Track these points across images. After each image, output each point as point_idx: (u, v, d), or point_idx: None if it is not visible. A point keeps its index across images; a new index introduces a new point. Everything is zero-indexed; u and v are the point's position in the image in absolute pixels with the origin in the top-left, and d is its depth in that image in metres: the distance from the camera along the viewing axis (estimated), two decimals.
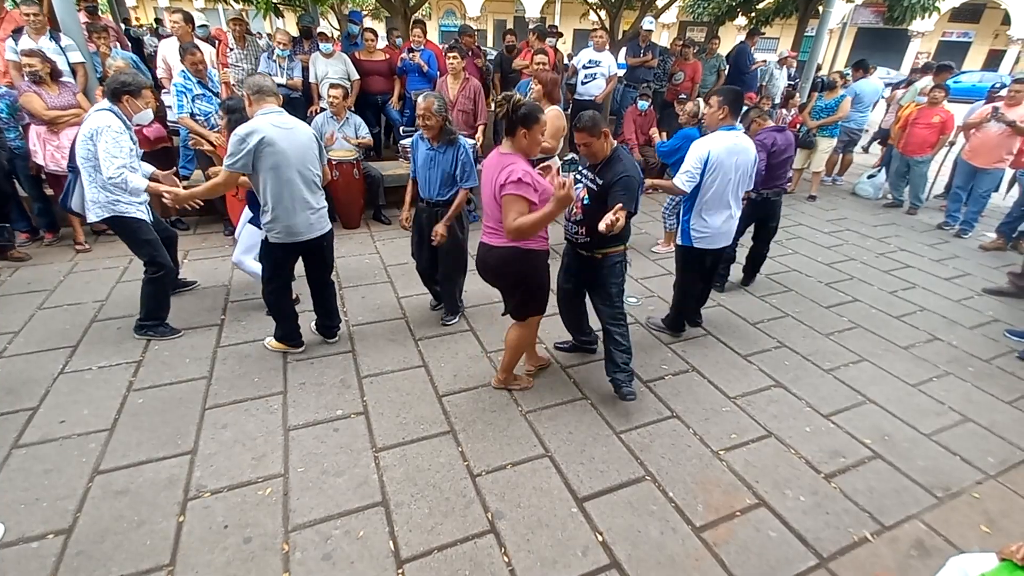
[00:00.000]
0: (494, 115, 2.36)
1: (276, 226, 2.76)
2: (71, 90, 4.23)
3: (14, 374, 2.94)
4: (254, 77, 2.69)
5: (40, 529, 2.07)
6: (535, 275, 2.60)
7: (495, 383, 2.98)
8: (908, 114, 6.26)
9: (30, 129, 4.08)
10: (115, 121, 2.89)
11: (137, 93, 2.97)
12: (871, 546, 2.18)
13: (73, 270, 4.13)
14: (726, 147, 3.01)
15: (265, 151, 2.57)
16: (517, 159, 2.34)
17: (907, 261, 5.10)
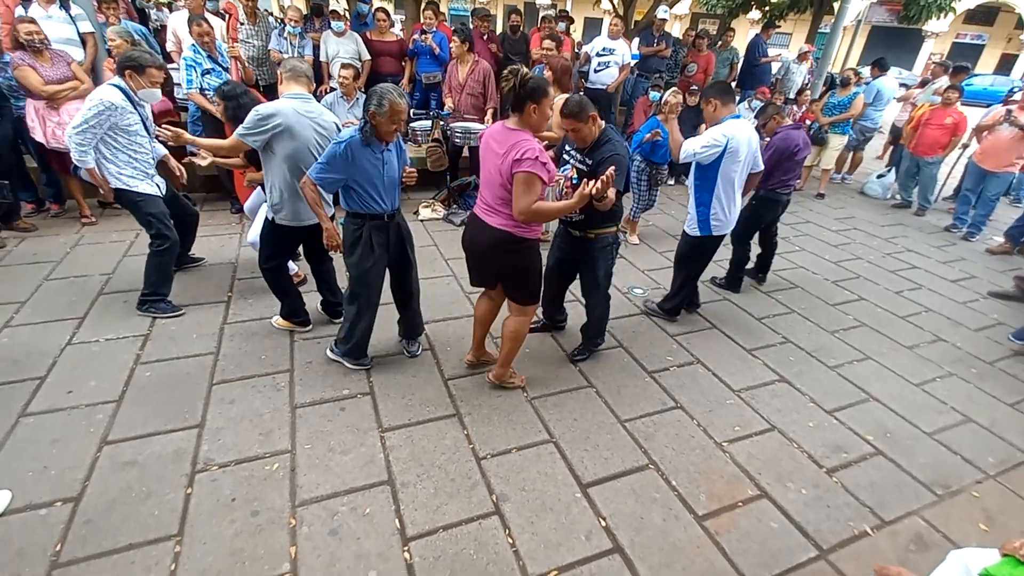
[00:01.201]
0: (503, 85, 2.21)
1: (283, 209, 2.76)
2: (65, 60, 4.05)
3: (21, 344, 2.94)
4: (293, 61, 2.73)
5: (48, 497, 2.08)
6: (526, 263, 2.49)
7: (492, 377, 2.85)
8: (921, 114, 6.22)
9: (27, 105, 3.97)
10: (116, 96, 2.86)
11: (140, 69, 2.92)
12: (871, 540, 2.21)
13: (79, 242, 4.12)
14: (744, 135, 3.06)
15: (284, 136, 2.58)
16: (528, 135, 2.23)
17: (914, 262, 5.10)
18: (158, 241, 3.15)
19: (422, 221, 5.06)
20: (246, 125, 2.55)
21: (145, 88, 2.96)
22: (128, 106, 2.92)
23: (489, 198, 2.38)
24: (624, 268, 4.48)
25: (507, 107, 2.28)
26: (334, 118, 2.81)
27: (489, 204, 2.39)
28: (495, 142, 2.28)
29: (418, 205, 5.26)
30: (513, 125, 2.26)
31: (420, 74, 5.87)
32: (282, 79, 2.71)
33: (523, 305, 2.63)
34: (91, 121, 2.81)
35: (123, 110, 2.89)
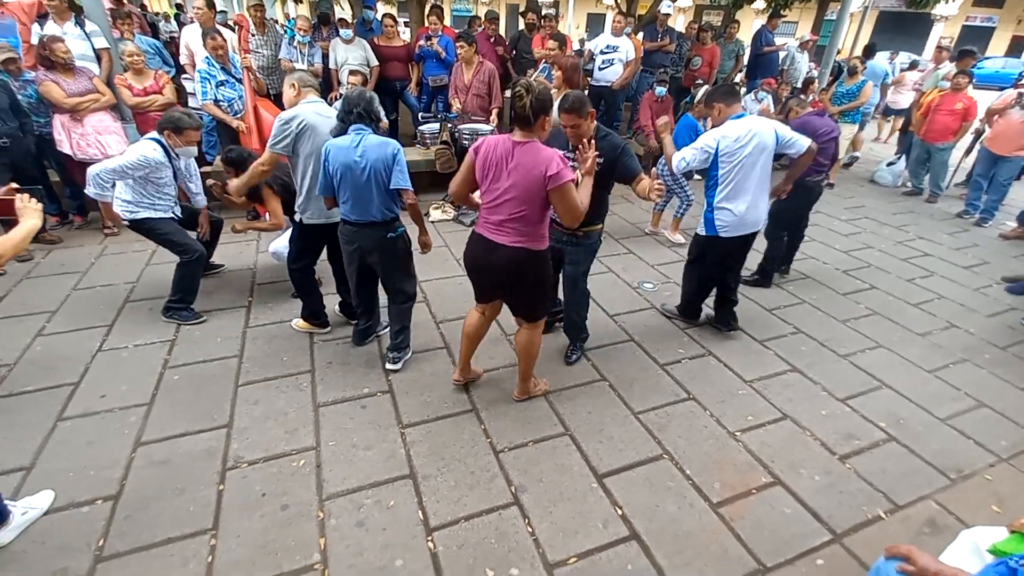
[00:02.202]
0: (515, 102, 2.11)
1: (310, 207, 2.86)
2: (87, 75, 4.24)
3: (54, 351, 3.06)
4: (299, 73, 2.87)
5: (88, 495, 2.19)
6: (541, 276, 2.47)
7: (517, 395, 2.81)
8: (930, 100, 6.17)
9: (53, 119, 4.14)
10: (157, 152, 3.08)
11: (179, 131, 3.14)
12: (884, 524, 2.24)
13: (103, 252, 4.25)
14: (736, 135, 2.98)
15: (306, 135, 2.70)
16: (541, 145, 2.20)
17: (926, 249, 5.08)
18: (185, 256, 3.26)
19: (433, 222, 5.14)
20: (273, 134, 2.68)
21: (182, 147, 3.19)
22: (165, 160, 3.12)
23: (500, 216, 2.27)
24: (634, 263, 4.52)
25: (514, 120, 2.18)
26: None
27: (499, 223, 2.29)
28: (515, 159, 2.17)
29: (428, 207, 5.33)
30: (522, 138, 2.18)
31: (427, 77, 5.96)
32: (297, 90, 2.80)
33: (533, 318, 2.60)
34: (127, 169, 3.00)
35: (160, 165, 3.10)
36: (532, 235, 2.30)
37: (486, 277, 2.50)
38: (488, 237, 2.34)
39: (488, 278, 2.50)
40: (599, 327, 3.51)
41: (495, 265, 2.37)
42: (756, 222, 3.19)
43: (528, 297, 2.52)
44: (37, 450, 2.38)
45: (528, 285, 2.44)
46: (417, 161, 5.38)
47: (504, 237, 2.30)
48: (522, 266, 2.35)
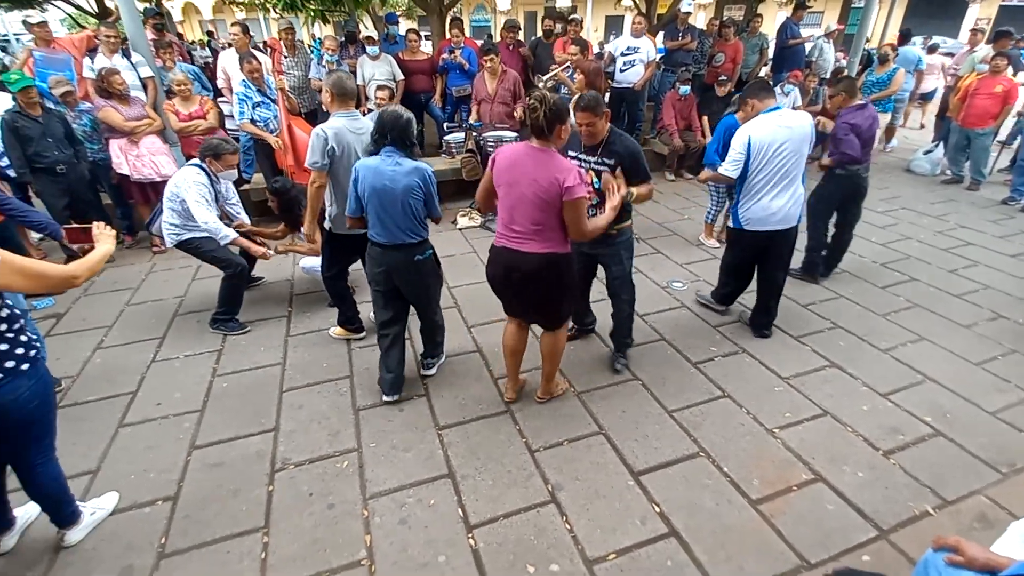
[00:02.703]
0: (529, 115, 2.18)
1: (339, 219, 2.96)
2: (140, 104, 4.61)
3: (112, 363, 3.26)
4: (336, 75, 2.88)
5: (149, 496, 2.33)
6: (567, 282, 2.49)
7: (540, 395, 2.84)
8: (968, 84, 5.96)
9: (111, 143, 4.46)
10: (201, 176, 3.29)
11: (217, 157, 3.33)
12: (932, 519, 2.19)
13: (152, 270, 4.49)
14: (767, 129, 2.95)
15: (339, 151, 2.80)
16: (559, 155, 2.26)
17: (968, 238, 4.90)
18: (228, 270, 3.43)
19: (460, 230, 5.23)
20: (309, 152, 2.79)
21: (223, 171, 3.41)
22: (208, 184, 3.32)
23: (521, 224, 2.29)
24: (662, 262, 4.51)
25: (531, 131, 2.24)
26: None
27: (521, 231, 2.30)
28: (532, 166, 2.21)
29: (455, 214, 5.44)
30: (540, 146, 2.22)
31: (451, 88, 6.09)
32: (332, 98, 2.85)
33: (559, 325, 2.62)
34: (204, 196, 3.25)
35: (207, 187, 3.30)
36: (553, 240, 2.32)
37: (509, 289, 2.49)
38: (510, 247, 2.34)
39: (514, 289, 2.47)
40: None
41: (521, 275, 2.36)
42: (787, 218, 3.10)
43: (554, 304, 2.52)
44: (102, 455, 2.54)
45: (556, 289, 2.44)
46: (443, 170, 5.50)
47: (528, 245, 2.31)
48: (549, 270, 2.35)
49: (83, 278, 1.77)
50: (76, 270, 1.75)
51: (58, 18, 13.54)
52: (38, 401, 1.75)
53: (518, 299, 2.54)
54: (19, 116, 3.91)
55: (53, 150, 4.04)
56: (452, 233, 5.10)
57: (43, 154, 4.00)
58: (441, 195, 2.79)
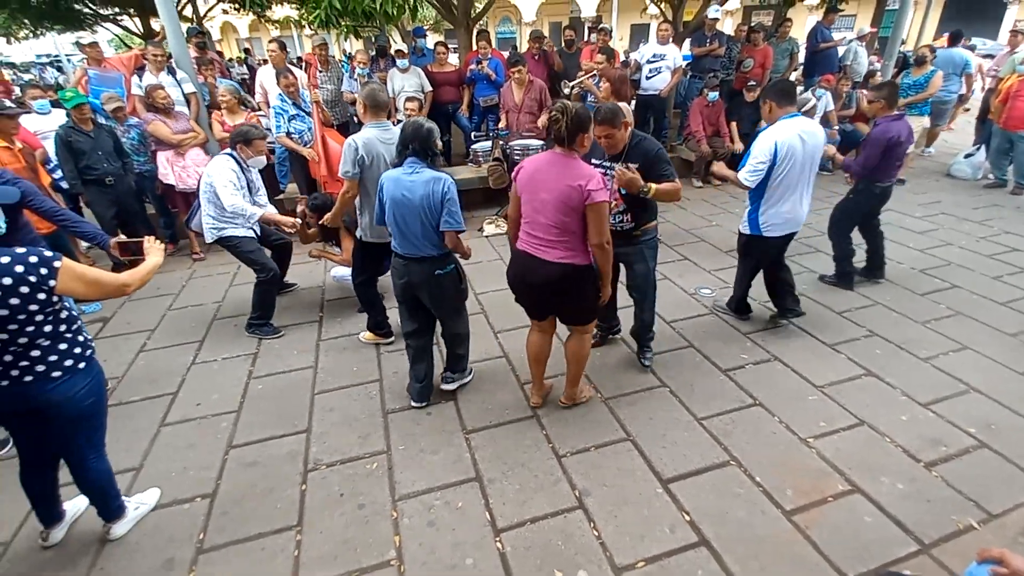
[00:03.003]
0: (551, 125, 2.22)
1: (371, 227, 3.04)
2: (185, 118, 4.85)
3: (155, 365, 3.40)
4: (371, 87, 2.98)
5: (189, 493, 2.41)
6: (590, 289, 2.47)
7: (564, 399, 2.84)
8: (1009, 86, 5.75)
9: (158, 155, 4.70)
10: (231, 163, 3.39)
11: (248, 143, 3.43)
12: (977, 533, 2.10)
13: (192, 276, 4.68)
14: (791, 136, 2.96)
15: (370, 161, 2.88)
16: (583, 162, 2.29)
17: (1013, 244, 4.70)
18: (261, 274, 3.54)
19: (487, 237, 5.28)
20: (343, 161, 2.88)
21: (253, 158, 3.48)
22: (239, 171, 3.43)
23: (543, 230, 2.31)
24: (690, 269, 4.47)
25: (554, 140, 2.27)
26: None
27: (543, 238, 2.33)
28: (555, 172, 2.24)
29: (482, 222, 5.50)
30: (564, 153, 2.25)
31: (478, 98, 6.19)
32: (365, 109, 2.94)
33: (584, 324, 2.63)
34: (233, 184, 3.36)
35: (237, 174, 3.41)
36: (576, 249, 2.33)
37: (533, 293, 2.50)
38: (532, 253, 2.37)
39: (535, 294, 2.50)
40: (657, 333, 3.48)
41: (541, 280, 2.38)
42: (799, 221, 3.22)
43: (576, 308, 2.54)
44: (144, 452, 2.65)
45: (575, 298, 2.46)
46: (470, 179, 5.58)
47: (549, 253, 2.32)
48: (568, 280, 2.37)
49: (134, 287, 1.87)
50: (129, 279, 1.86)
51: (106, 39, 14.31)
52: (93, 398, 1.86)
53: (538, 301, 2.57)
54: (72, 131, 4.15)
55: (103, 163, 4.26)
56: (479, 240, 5.15)
57: (94, 167, 4.23)
58: (468, 203, 2.84)
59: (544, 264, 2.34)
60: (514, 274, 2.52)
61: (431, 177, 2.43)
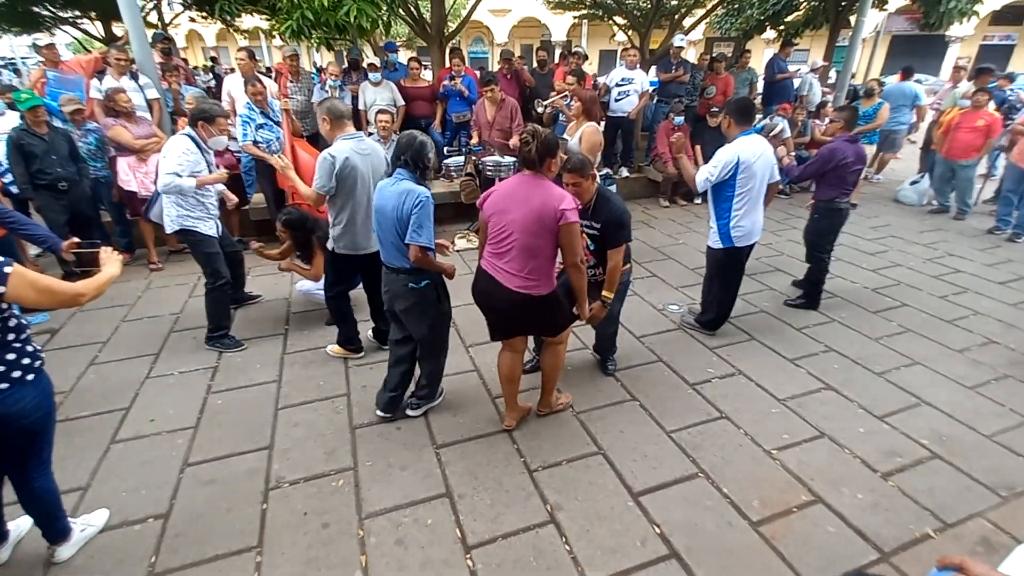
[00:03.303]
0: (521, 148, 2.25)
1: (344, 239, 3.01)
2: (147, 123, 4.69)
3: (106, 379, 3.22)
4: (329, 101, 2.97)
5: (141, 514, 2.27)
6: (552, 310, 2.48)
7: (540, 409, 2.84)
8: (950, 119, 6.18)
9: (118, 160, 4.51)
10: (188, 143, 3.22)
11: (211, 120, 3.29)
12: (934, 542, 2.17)
13: (149, 286, 4.48)
14: (751, 151, 3.19)
15: (347, 174, 2.84)
16: (552, 183, 2.29)
17: (957, 266, 5.00)
18: (212, 279, 3.41)
19: (458, 251, 5.26)
20: (317, 177, 2.82)
21: (215, 136, 3.34)
22: (196, 150, 3.27)
23: (508, 255, 2.31)
24: (658, 286, 4.56)
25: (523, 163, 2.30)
26: (384, 152, 3.07)
27: (506, 263, 2.32)
28: (526, 193, 2.24)
29: (454, 236, 5.48)
30: (534, 176, 2.27)
31: (450, 114, 6.23)
32: (330, 124, 2.91)
33: (556, 335, 2.62)
34: (167, 166, 3.17)
35: (198, 159, 3.26)
36: (539, 277, 2.31)
37: (492, 314, 2.54)
38: (492, 275, 2.38)
39: (494, 315, 2.54)
40: (626, 348, 3.54)
41: (504, 305, 2.41)
42: (759, 231, 3.45)
43: (543, 325, 2.58)
44: (93, 471, 2.49)
45: (539, 320, 2.50)
46: (442, 193, 5.58)
47: (509, 279, 2.32)
48: (527, 310, 2.39)
49: (88, 297, 1.77)
50: (83, 288, 1.76)
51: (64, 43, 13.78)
52: (41, 413, 1.74)
53: (502, 325, 2.57)
54: (25, 134, 3.95)
55: (56, 167, 4.07)
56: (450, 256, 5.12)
57: (47, 171, 4.03)
58: (440, 218, 2.83)
59: (501, 289, 2.36)
60: (479, 291, 2.51)
61: (404, 189, 2.40)
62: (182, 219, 3.31)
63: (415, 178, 2.46)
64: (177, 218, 3.31)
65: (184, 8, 10.48)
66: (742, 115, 3.31)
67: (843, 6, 9.24)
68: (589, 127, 4.00)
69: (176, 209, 3.30)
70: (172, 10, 11.20)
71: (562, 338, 2.65)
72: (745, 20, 11.36)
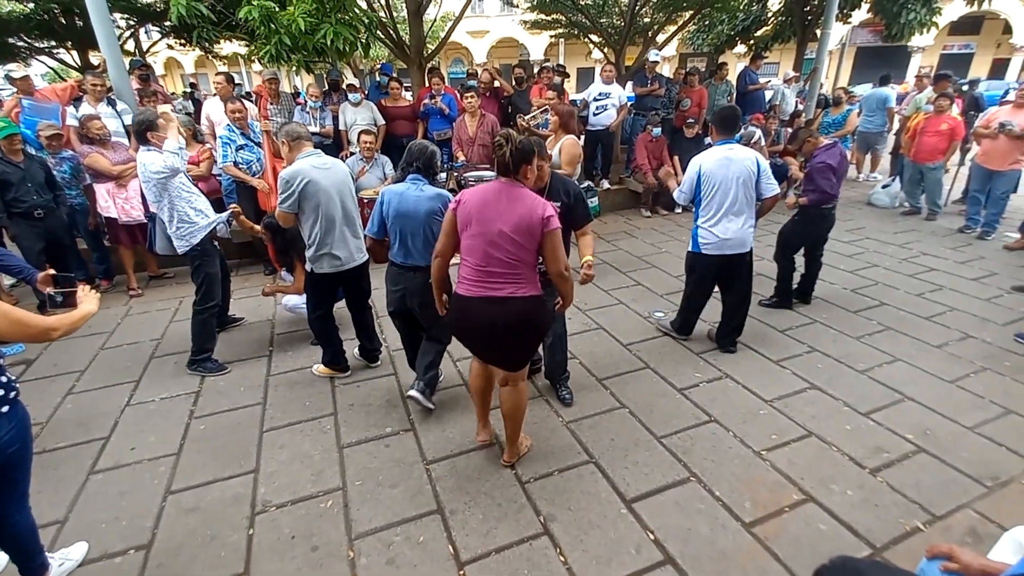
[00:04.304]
0: (496, 153, 2.16)
1: (321, 259, 2.99)
2: (124, 148, 4.65)
3: (84, 408, 3.14)
4: (287, 126, 3.02)
5: (121, 545, 2.20)
6: (547, 320, 2.38)
7: (506, 460, 2.59)
8: (916, 123, 6.39)
9: (97, 188, 4.45)
10: (154, 155, 3.07)
11: (154, 126, 3.10)
12: (924, 535, 2.19)
13: (128, 313, 4.40)
14: (715, 160, 3.26)
15: (309, 191, 2.84)
16: (532, 192, 2.22)
17: (931, 264, 5.13)
18: (203, 300, 3.37)
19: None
20: (280, 194, 2.86)
21: (167, 139, 3.13)
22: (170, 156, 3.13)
23: (496, 266, 2.17)
24: (644, 294, 4.60)
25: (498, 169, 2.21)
26: (344, 166, 3.10)
27: (498, 274, 2.17)
28: (507, 202, 2.14)
29: None
30: (511, 183, 2.18)
31: (432, 132, 6.27)
32: (289, 147, 2.93)
33: (519, 369, 2.40)
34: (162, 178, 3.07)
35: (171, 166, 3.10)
36: (531, 281, 2.24)
37: (485, 339, 2.31)
38: (489, 295, 2.18)
39: (487, 338, 2.30)
40: (614, 356, 3.56)
41: (502, 322, 2.20)
42: (740, 243, 3.35)
43: (527, 348, 2.38)
44: (71, 503, 2.41)
45: (534, 334, 2.34)
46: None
47: (506, 290, 2.18)
48: (530, 315, 2.24)
49: (61, 333, 1.73)
50: (56, 323, 1.72)
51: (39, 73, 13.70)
52: (17, 446, 1.69)
53: (487, 346, 2.36)
54: (0, 162, 3.89)
55: (32, 195, 4.01)
56: None
57: (22, 199, 3.97)
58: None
59: (502, 303, 2.18)
60: (465, 320, 2.29)
61: (436, 193, 2.71)
62: (190, 235, 3.24)
63: (431, 181, 2.76)
64: (186, 236, 3.23)
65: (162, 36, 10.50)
66: (721, 123, 3.37)
67: (809, 20, 9.58)
68: (568, 140, 4.06)
69: (180, 227, 3.21)
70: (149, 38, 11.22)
71: (522, 374, 2.44)
72: (716, 36, 11.73)
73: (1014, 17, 20.98)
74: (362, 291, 3.30)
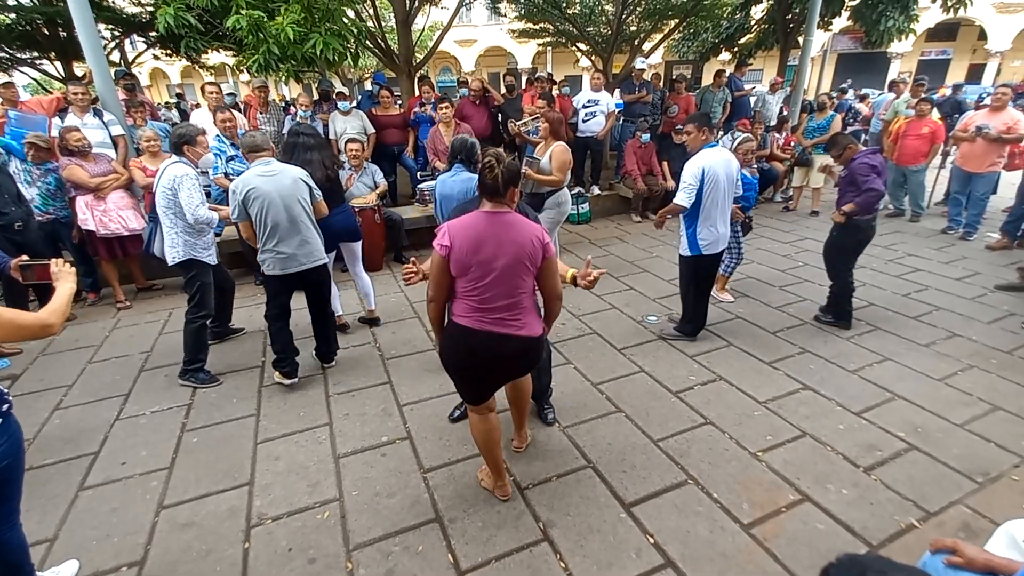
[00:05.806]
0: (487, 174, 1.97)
1: (268, 260, 3.11)
2: (106, 160, 4.58)
3: (72, 424, 3.08)
4: (244, 137, 3.14)
5: (113, 563, 2.16)
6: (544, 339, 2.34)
7: (517, 447, 2.71)
8: (898, 127, 6.53)
9: (77, 200, 4.39)
10: (188, 169, 3.17)
11: (192, 141, 3.23)
12: (919, 532, 2.22)
13: (117, 326, 4.33)
14: (716, 161, 3.38)
15: (251, 197, 2.97)
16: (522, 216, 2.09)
17: (916, 265, 5.22)
18: (196, 310, 3.33)
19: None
20: (231, 206, 3.00)
21: (202, 156, 3.32)
22: (197, 176, 3.23)
23: (499, 301, 2.03)
24: (635, 298, 4.62)
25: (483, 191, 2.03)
26: (298, 172, 3.15)
27: (502, 310, 2.03)
28: (503, 233, 1.98)
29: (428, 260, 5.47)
30: (500, 209, 2.01)
31: (422, 140, 6.29)
32: (248, 158, 3.10)
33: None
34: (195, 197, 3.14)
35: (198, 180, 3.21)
36: (533, 311, 2.15)
37: (489, 373, 2.19)
38: (492, 330, 2.04)
39: (492, 374, 2.20)
40: (608, 362, 3.57)
41: (505, 358, 2.12)
42: (725, 239, 3.62)
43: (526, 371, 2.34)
44: (60, 521, 2.36)
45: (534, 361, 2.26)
46: (417, 218, 5.59)
47: (511, 327, 2.06)
48: (534, 352, 2.18)
49: (58, 325, 1.71)
50: (49, 317, 1.69)
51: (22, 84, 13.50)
52: (9, 461, 1.65)
53: (496, 382, 2.27)
54: None
55: (11, 207, 3.94)
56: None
57: (2, 211, 3.90)
58: (416, 242, 2.88)
59: (508, 340, 2.06)
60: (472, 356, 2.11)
61: (467, 177, 3.01)
62: (190, 249, 3.27)
63: (471, 170, 3.04)
64: (185, 248, 3.25)
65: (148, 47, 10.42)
66: (704, 123, 3.47)
67: (791, 28, 9.77)
68: (559, 146, 4.11)
69: (184, 238, 3.24)
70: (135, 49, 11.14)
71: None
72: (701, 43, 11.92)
73: (989, 24, 21.58)
74: (321, 296, 3.39)
